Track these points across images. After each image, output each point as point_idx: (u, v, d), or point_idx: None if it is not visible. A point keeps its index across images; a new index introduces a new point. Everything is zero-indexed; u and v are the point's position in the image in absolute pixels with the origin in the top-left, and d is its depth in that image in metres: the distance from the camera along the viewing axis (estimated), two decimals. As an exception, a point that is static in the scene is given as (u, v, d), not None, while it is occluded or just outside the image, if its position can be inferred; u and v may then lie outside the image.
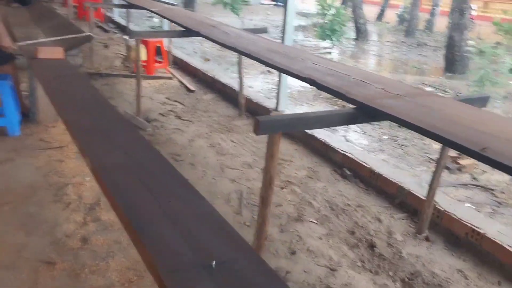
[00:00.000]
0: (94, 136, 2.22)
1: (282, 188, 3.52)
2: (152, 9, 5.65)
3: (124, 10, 9.73)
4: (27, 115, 4.36)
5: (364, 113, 2.23)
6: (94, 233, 2.72)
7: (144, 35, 4.47)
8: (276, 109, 4.93)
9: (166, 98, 5.60)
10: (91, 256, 2.53)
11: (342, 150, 3.95)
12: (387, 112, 2.09)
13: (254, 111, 5.15)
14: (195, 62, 7.07)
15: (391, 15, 16.68)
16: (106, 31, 10.16)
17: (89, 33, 4.78)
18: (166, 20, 6.47)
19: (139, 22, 11.86)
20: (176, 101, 5.51)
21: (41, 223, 2.77)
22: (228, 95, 5.75)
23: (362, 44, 11.64)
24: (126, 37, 7.20)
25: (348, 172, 3.78)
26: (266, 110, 4.98)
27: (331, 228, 3.03)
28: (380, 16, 17.08)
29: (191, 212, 1.57)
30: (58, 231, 2.70)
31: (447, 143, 1.87)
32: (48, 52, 3.64)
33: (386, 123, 4.84)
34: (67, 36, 4.69)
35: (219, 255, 1.34)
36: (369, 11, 15.30)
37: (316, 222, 3.09)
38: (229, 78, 6.32)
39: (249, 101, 5.26)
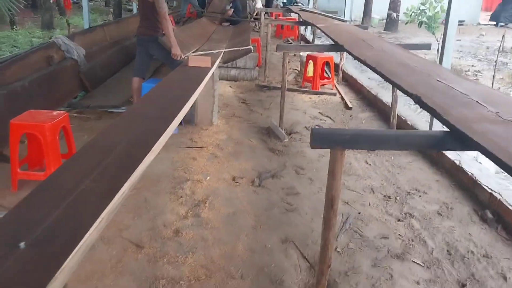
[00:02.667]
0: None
1: (399, 220, 3.12)
2: (318, 25, 5.71)
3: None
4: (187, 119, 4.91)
5: (454, 139, 1.82)
6: (188, 227, 2.89)
7: (289, 48, 4.54)
8: (429, 134, 4.40)
9: (319, 113, 5.57)
10: (176, 247, 2.69)
11: (489, 188, 3.29)
12: (476, 140, 1.66)
13: (407, 134, 4.70)
14: (363, 79, 6.84)
15: None
16: (294, 48, 10.66)
17: (250, 47, 5.11)
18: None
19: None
20: (328, 116, 5.43)
21: (150, 209, 3.08)
22: (387, 114, 5.38)
23: None
24: (301, 53, 7.44)
25: (491, 216, 3.12)
26: (417, 134, 4.49)
27: (438, 275, 2.54)
28: None
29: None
30: (159, 219, 2.96)
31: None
32: (197, 61, 4.04)
33: None
34: (227, 49, 5.12)
35: None
36: None
37: (421, 264, 2.64)
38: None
39: (402, 121, 4.83)
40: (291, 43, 11.33)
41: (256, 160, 4.00)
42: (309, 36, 11.53)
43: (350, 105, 5.79)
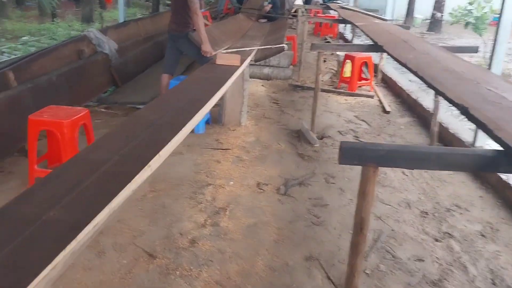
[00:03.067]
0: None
1: (436, 240, 2.82)
2: (357, 24, 5.41)
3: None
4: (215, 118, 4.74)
5: (510, 160, 1.54)
6: (205, 237, 2.70)
7: (324, 48, 4.28)
8: (473, 145, 4.05)
9: (354, 116, 5.28)
10: (190, 259, 2.51)
11: (542, 209, 2.95)
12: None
13: (449, 143, 4.36)
14: (403, 81, 6.47)
15: None
16: (332, 47, 10.33)
17: (283, 45, 4.88)
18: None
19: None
20: (363, 120, 5.13)
21: (167, 215, 2.91)
22: (427, 121, 5.04)
23: None
24: (339, 52, 7.14)
25: (543, 241, 2.78)
26: (460, 143, 4.14)
27: (479, 309, 2.26)
28: None
29: None
30: (175, 227, 2.78)
31: None
32: (226, 59, 3.84)
33: None
34: (259, 47, 4.90)
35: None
36: None
37: (460, 294, 2.35)
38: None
39: (444, 129, 4.48)
40: (329, 42, 11.00)
41: (284, 166, 3.77)
42: (349, 35, 11.16)
43: (388, 109, 5.46)
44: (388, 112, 5.43)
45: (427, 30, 16.21)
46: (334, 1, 11.88)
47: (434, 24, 16.41)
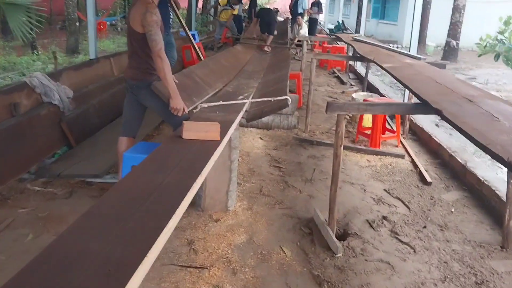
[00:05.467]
0: None
1: None
2: (384, 65, 4.06)
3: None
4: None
5: None
6: None
7: (346, 108, 2.89)
8: None
9: (385, 190, 3.88)
10: None
11: None
12: None
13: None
14: (440, 135, 5.09)
15: None
16: (342, 82, 9.04)
17: (286, 98, 3.53)
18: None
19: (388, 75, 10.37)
20: (398, 198, 3.73)
21: None
22: (486, 199, 3.65)
23: None
24: (354, 95, 5.80)
25: None
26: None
27: None
28: None
29: None
30: None
31: None
32: (197, 130, 2.47)
33: None
34: (254, 100, 3.56)
35: None
36: None
37: None
38: (490, 169, 4.17)
39: (523, 223, 3.07)
40: (337, 76, 9.70)
41: (290, 304, 2.36)
42: (361, 69, 9.87)
43: (429, 179, 4.06)
44: (429, 184, 4.03)
45: (441, 59, 14.93)
46: (344, 31, 10.67)
47: (449, 52, 15.18)
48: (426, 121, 5.65)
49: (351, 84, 8.88)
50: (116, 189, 1.61)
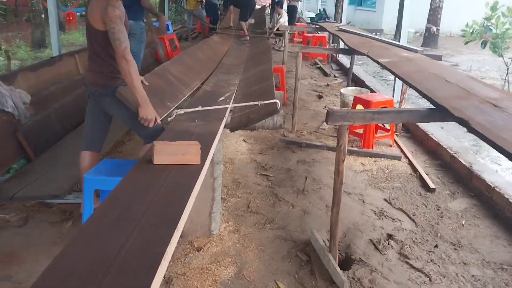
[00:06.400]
0: None
1: None
2: (380, 60, 3.64)
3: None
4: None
5: None
6: None
7: (352, 117, 2.41)
8: None
9: (385, 200, 3.48)
10: None
11: None
12: None
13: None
14: (437, 132, 4.72)
15: None
16: (325, 74, 8.61)
17: (275, 101, 3.08)
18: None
19: (371, 64, 9.99)
20: (401, 210, 3.33)
21: None
22: (499, 208, 3.29)
23: None
24: (342, 90, 5.38)
25: None
26: None
27: None
28: None
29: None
30: None
31: None
32: (171, 153, 1.99)
33: None
34: (237, 104, 3.10)
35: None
36: None
37: None
38: (500, 171, 3.82)
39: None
40: (319, 67, 9.27)
41: None
42: (344, 59, 9.47)
43: (432, 185, 3.68)
44: (433, 191, 3.65)
45: (421, 45, 14.63)
46: (327, 20, 10.20)
47: (429, 38, 14.91)
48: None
49: (335, 76, 8.46)
50: (54, 268, 1.12)
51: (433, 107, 2.41)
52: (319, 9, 15.66)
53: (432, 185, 3.67)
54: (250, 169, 4.03)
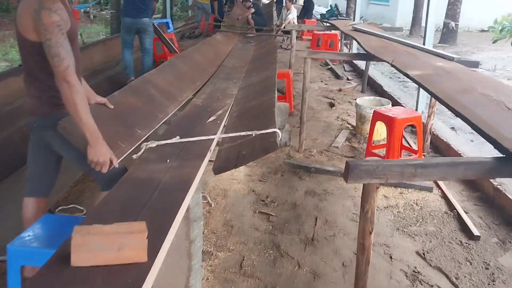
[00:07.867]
0: None
1: None
2: (409, 73, 2.86)
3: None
4: None
5: None
6: None
7: (384, 175, 1.65)
8: None
9: (418, 255, 2.71)
10: None
11: None
12: None
13: None
14: (476, 155, 3.92)
15: None
16: (337, 77, 7.82)
17: (274, 130, 2.33)
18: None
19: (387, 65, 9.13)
20: (440, 270, 2.57)
21: None
22: None
23: None
24: (359, 101, 4.61)
25: None
26: None
27: None
28: None
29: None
30: None
31: None
32: (95, 248, 1.24)
33: None
34: (222, 135, 2.35)
35: None
36: None
37: None
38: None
39: None
40: (330, 68, 8.48)
41: None
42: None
43: (476, 232, 2.91)
44: (477, 238, 2.88)
45: (439, 42, 13.74)
46: (340, 17, 9.37)
47: (448, 34, 13.97)
48: (450, 134, 4.50)
49: (348, 79, 7.66)
50: None
51: (501, 155, 1.65)
52: (330, 5, 14.74)
53: (476, 232, 2.90)
54: (247, 204, 3.29)
